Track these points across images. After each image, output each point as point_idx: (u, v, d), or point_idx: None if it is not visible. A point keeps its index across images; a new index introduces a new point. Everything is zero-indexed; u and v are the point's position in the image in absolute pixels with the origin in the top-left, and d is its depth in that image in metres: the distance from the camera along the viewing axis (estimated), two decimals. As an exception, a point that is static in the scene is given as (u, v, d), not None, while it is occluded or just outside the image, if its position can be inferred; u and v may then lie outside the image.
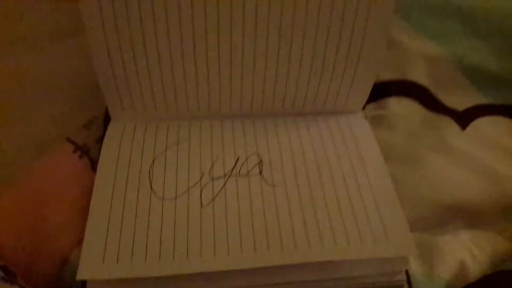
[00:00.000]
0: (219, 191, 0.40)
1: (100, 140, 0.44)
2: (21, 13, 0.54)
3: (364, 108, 0.48)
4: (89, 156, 0.43)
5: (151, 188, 0.40)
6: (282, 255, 0.37)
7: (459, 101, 0.52)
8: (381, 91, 0.50)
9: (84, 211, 0.39)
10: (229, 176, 0.42)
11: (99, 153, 0.42)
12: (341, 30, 0.41)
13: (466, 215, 0.45)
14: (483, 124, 0.51)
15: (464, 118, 0.51)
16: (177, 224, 0.38)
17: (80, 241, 0.39)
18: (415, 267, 0.41)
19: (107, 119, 0.45)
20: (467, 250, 0.42)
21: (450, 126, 0.50)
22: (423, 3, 0.55)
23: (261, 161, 0.43)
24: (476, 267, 0.41)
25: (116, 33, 0.38)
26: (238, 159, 0.43)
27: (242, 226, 0.38)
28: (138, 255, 0.36)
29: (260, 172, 0.42)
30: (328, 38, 0.41)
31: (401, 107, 0.51)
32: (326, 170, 0.43)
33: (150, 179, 0.41)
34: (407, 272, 0.39)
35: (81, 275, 0.35)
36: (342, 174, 0.42)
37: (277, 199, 0.40)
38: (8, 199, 0.39)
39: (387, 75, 0.52)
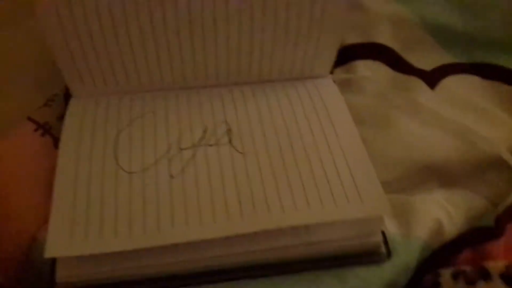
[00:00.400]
0: (188, 162, 0.39)
1: (61, 117, 0.42)
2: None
3: (332, 72, 0.48)
4: (51, 134, 0.42)
5: (117, 162, 0.39)
6: (256, 222, 0.36)
7: (427, 61, 0.52)
8: (348, 55, 0.49)
9: (49, 190, 0.38)
10: (198, 146, 0.41)
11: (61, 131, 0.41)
12: None
13: (439, 174, 0.45)
14: (451, 83, 0.51)
15: (432, 78, 0.51)
16: (146, 196, 0.37)
17: (46, 220, 0.38)
18: (392, 228, 0.40)
19: (68, 96, 0.43)
20: (442, 209, 0.42)
21: (419, 86, 0.50)
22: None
23: (230, 129, 0.42)
24: (451, 225, 0.42)
25: (69, 7, 0.37)
26: (206, 128, 0.42)
27: (214, 195, 0.38)
28: (108, 229, 0.35)
29: (230, 141, 0.41)
30: (288, 6, 0.40)
31: (369, 70, 0.50)
32: (296, 135, 0.42)
33: (115, 153, 0.39)
34: (383, 233, 0.39)
35: (49, 252, 0.34)
36: (312, 138, 0.42)
37: (248, 166, 0.40)
38: (-30, 180, 0.38)
39: (353, 39, 0.51)
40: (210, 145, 0.41)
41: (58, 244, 0.34)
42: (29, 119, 0.42)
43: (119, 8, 0.37)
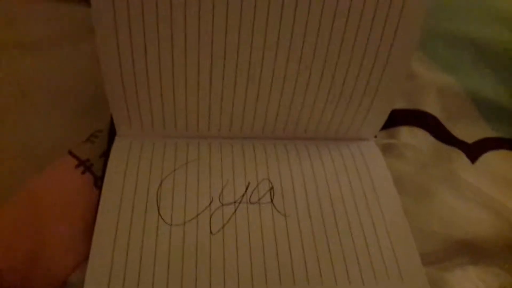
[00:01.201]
0: (229, 219, 0.39)
1: (103, 155, 0.42)
2: (21, 16, 0.52)
3: (376, 136, 0.47)
4: (92, 172, 0.41)
5: (159, 212, 0.38)
6: None
7: (469, 133, 0.52)
8: (392, 120, 0.49)
9: (85, 232, 0.38)
10: (239, 203, 0.40)
11: (102, 169, 0.40)
12: (363, 60, 0.40)
13: (473, 251, 0.44)
14: (492, 158, 0.51)
15: (473, 151, 0.50)
16: (185, 251, 0.37)
17: (80, 263, 0.37)
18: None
19: (111, 133, 0.43)
20: (475, 286, 0.41)
21: (460, 159, 0.50)
22: (438, 33, 0.54)
23: (272, 187, 0.41)
24: None
25: (129, 42, 0.36)
26: (249, 184, 0.41)
27: (253, 257, 0.37)
28: (144, 284, 0.35)
29: (271, 200, 0.41)
30: (349, 67, 0.40)
31: (412, 137, 0.50)
32: (338, 199, 0.41)
33: (157, 203, 0.39)
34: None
35: None
36: (355, 205, 0.41)
37: (289, 230, 0.39)
38: (5, 216, 0.37)
39: (399, 104, 0.51)
40: (252, 203, 0.40)
41: None
42: (70, 153, 0.41)
43: (180, 48, 0.37)
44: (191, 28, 0.36)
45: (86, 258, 0.37)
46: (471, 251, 0.45)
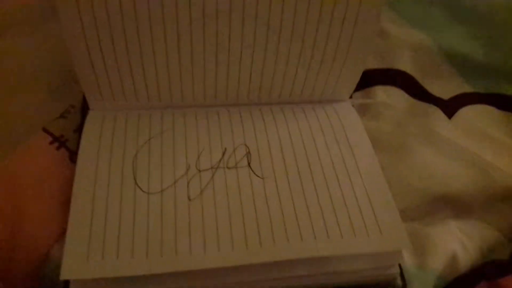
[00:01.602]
0: (207, 184, 0.39)
1: (78, 130, 0.42)
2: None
3: (350, 96, 0.47)
4: (67, 147, 0.41)
5: (136, 181, 0.38)
6: (275, 251, 0.36)
7: (445, 89, 0.52)
8: (367, 80, 0.49)
9: (63, 205, 0.37)
10: (216, 168, 0.40)
11: (77, 144, 0.40)
12: (331, 22, 0.39)
13: (454, 205, 0.45)
14: (469, 112, 0.51)
15: (450, 107, 0.51)
16: (164, 219, 0.37)
17: (60, 236, 0.37)
18: (407, 259, 0.40)
19: (84, 108, 0.43)
20: (457, 240, 0.42)
21: (436, 115, 0.50)
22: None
23: (249, 151, 0.41)
24: (466, 257, 0.41)
25: (93, 18, 0.36)
26: (225, 150, 0.41)
27: (232, 221, 0.37)
28: (124, 252, 0.35)
29: (249, 164, 0.41)
30: (317, 30, 0.40)
31: (387, 96, 0.50)
32: (315, 160, 0.42)
33: (134, 172, 0.39)
34: (399, 265, 0.38)
35: (64, 274, 0.33)
36: (332, 165, 0.41)
37: (267, 191, 0.39)
38: (-18, 193, 0.37)
39: (372, 64, 0.51)
40: (229, 168, 0.40)
41: (74, 266, 0.34)
42: (44, 130, 0.41)
43: (145, 22, 0.37)
44: (155, 3, 0.36)
45: (64, 231, 0.37)
46: (452, 205, 0.45)
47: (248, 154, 0.41)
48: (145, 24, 0.37)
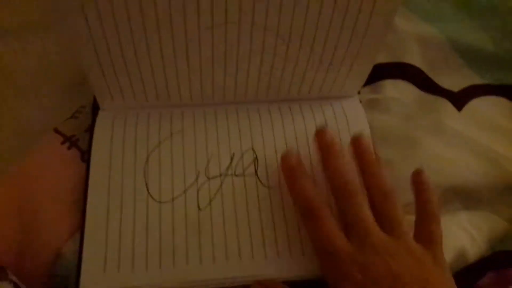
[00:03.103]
0: (216, 193, 0.40)
1: (88, 130, 0.42)
2: (4, 1, 0.52)
3: (359, 91, 0.48)
4: (78, 146, 0.41)
5: (147, 189, 0.39)
6: (279, 266, 0.37)
7: (454, 82, 0.51)
8: (376, 74, 0.49)
9: (75, 203, 0.39)
10: (225, 176, 0.41)
11: (88, 143, 0.41)
12: (342, 26, 0.39)
13: (464, 196, 0.45)
14: (478, 104, 0.51)
15: (459, 99, 0.50)
16: (175, 229, 0.38)
17: (72, 234, 0.38)
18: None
19: (95, 108, 0.43)
20: (466, 232, 0.42)
21: (445, 107, 0.50)
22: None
23: (256, 157, 0.42)
24: (475, 248, 0.42)
25: (99, 18, 0.36)
26: (233, 155, 0.42)
27: (240, 232, 0.38)
28: (139, 263, 0.36)
29: (256, 171, 0.41)
30: (328, 36, 0.39)
31: (396, 90, 0.50)
32: (319, 164, 0.42)
33: (145, 179, 0.40)
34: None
35: (83, 285, 0.35)
36: None
37: (272, 201, 0.40)
38: (-3, 195, 0.38)
39: (381, 58, 0.51)
40: (237, 175, 0.41)
41: (92, 278, 0.35)
42: (56, 131, 0.42)
43: (152, 21, 0.36)
44: (162, 8, 0.35)
45: (76, 229, 0.38)
46: (462, 197, 0.45)
47: (256, 160, 0.42)
48: (152, 28, 0.36)
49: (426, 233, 0.37)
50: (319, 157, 0.40)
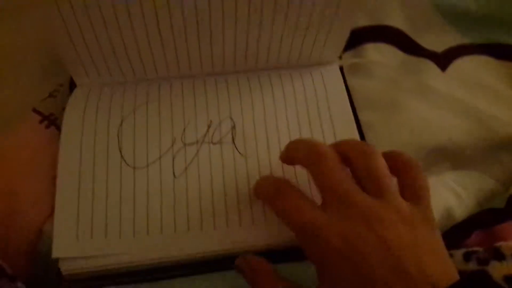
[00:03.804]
0: (192, 160, 0.39)
1: (66, 108, 0.42)
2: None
3: (340, 56, 0.47)
4: (57, 125, 0.41)
5: (121, 155, 0.39)
6: (254, 234, 0.37)
7: (438, 42, 0.51)
8: (357, 38, 0.48)
9: (54, 182, 0.38)
10: (201, 143, 0.40)
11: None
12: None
13: (450, 157, 0.45)
14: (463, 64, 0.50)
15: (443, 60, 0.50)
16: (150, 197, 0.38)
17: (52, 213, 0.38)
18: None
19: (73, 87, 0.43)
20: (452, 191, 0.42)
21: (429, 69, 0.49)
22: None
23: (234, 126, 0.42)
24: (462, 207, 0.41)
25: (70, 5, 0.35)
26: (211, 122, 0.41)
27: (215, 199, 0.38)
28: (112, 231, 0.36)
29: (233, 140, 0.41)
30: (301, 6, 0.38)
31: (378, 53, 0.49)
32: (297, 134, 0.42)
33: (119, 145, 0.39)
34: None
35: (56, 253, 0.35)
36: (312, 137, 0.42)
37: (249, 170, 0.40)
38: (-25, 175, 0.38)
39: (362, 21, 0.50)
40: (214, 143, 0.41)
41: (64, 244, 0.35)
42: (34, 110, 0.42)
43: (122, 7, 0.36)
44: None
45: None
46: (449, 158, 0.45)
47: (233, 128, 0.41)
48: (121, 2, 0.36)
49: (414, 189, 0.33)
50: None
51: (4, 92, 0.45)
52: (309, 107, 0.43)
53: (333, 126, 0.42)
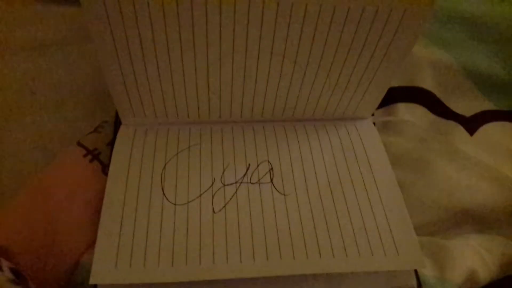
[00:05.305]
0: (231, 198, 0.40)
1: (110, 144, 0.44)
2: (30, 18, 0.54)
3: (373, 114, 0.48)
4: (100, 160, 0.43)
5: (163, 193, 0.40)
6: (294, 265, 0.37)
7: (467, 107, 0.52)
8: (389, 97, 0.50)
9: (95, 215, 0.39)
10: (240, 183, 0.42)
11: (109, 157, 0.42)
12: (361, 53, 0.39)
13: (475, 220, 0.46)
14: (490, 129, 0.51)
15: (471, 124, 0.51)
16: (189, 229, 0.38)
17: (91, 245, 0.39)
18: (427, 270, 0.41)
19: (117, 123, 0.45)
20: (477, 255, 0.42)
21: (458, 132, 0.50)
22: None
23: (271, 168, 0.43)
24: (486, 272, 0.42)
25: (125, 38, 0.37)
26: (249, 166, 0.43)
27: (254, 233, 0.39)
28: (151, 260, 0.36)
29: (271, 180, 0.42)
30: (343, 66, 0.40)
31: (409, 113, 0.51)
32: (335, 178, 0.43)
33: (162, 184, 0.40)
34: (417, 276, 0.39)
35: (93, 279, 0.35)
36: (351, 182, 0.43)
37: (288, 208, 0.40)
38: (20, 202, 0.39)
39: (395, 82, 0.52)
40: (252, 183, 0.42)
41: (103, 271, 0.36)
42: (79, 144, 0.43)
43: (176, 44, 0.38)
44: (185, 33, 0.36)
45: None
46: (475, 220, 0.46)
47: (271, 170, 0.43)
48: (176, 50, 0.38)
49: None
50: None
51: (50, 124, 0.46)
52: (346, 155, 0.44)
53: (373, 174, 0.43)
